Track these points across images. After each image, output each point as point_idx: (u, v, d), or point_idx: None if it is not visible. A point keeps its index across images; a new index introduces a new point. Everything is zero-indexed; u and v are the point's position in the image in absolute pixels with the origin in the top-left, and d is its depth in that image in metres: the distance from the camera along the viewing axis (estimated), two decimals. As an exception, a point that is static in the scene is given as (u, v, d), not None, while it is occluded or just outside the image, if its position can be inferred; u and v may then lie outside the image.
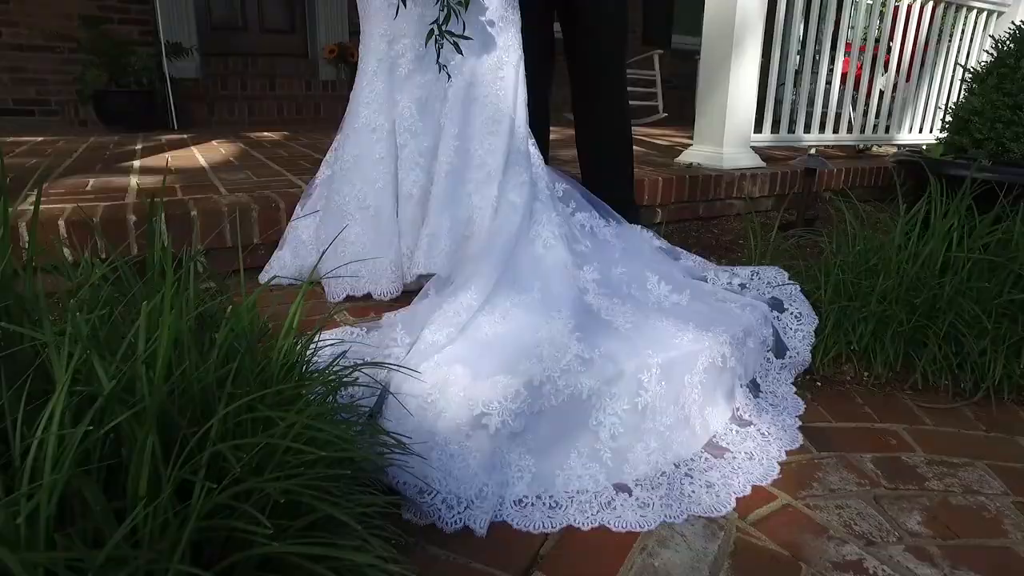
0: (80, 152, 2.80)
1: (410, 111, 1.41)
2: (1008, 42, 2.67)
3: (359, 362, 0.97)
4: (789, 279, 1.67)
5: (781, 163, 3.07)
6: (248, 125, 4.33)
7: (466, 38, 1.31)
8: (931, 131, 3.83)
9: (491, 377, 1.09)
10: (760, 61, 2.72)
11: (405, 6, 1.29)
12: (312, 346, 0.95)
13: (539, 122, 1.73)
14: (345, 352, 1.00)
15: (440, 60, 1.29)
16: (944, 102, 3.84)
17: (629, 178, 1.85)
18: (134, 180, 2.03)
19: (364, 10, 1.45)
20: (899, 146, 3.75)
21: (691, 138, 2.94)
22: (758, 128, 2.89)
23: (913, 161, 1.78)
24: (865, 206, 3.03)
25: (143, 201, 1.70)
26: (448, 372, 1.09)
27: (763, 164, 2.79)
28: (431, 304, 1.27)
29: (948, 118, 2.86)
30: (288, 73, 4.90)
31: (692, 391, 1.27)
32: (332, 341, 1.23)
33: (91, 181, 1.99)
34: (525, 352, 1.16)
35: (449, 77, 1.33)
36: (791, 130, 3.11)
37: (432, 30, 1.27)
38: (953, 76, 3.79)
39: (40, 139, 3.30)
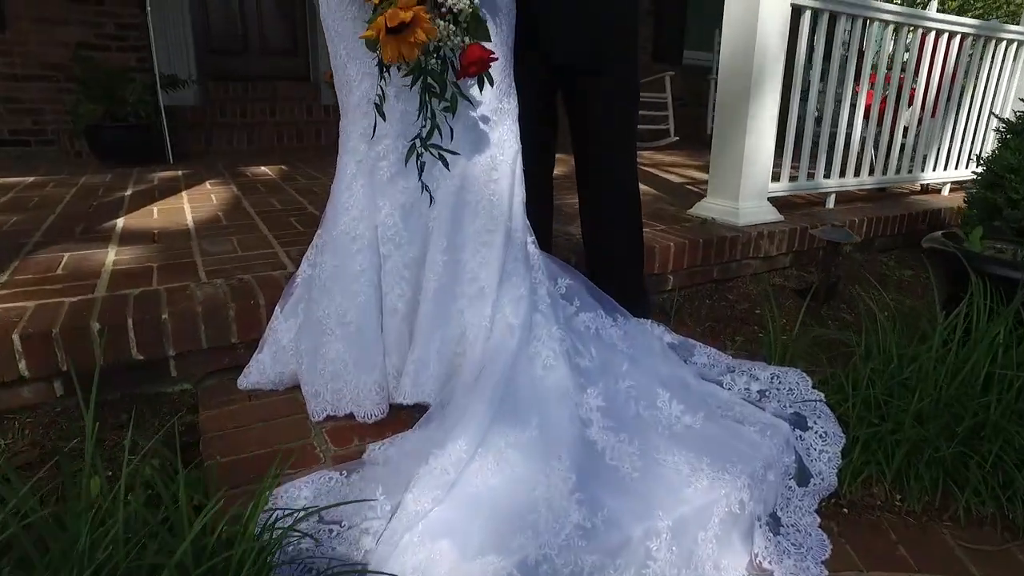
0: (66, 202, 2.69)
1: (393, 219, 1.28)
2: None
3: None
4: (813, 387, 1.52)
5: (800, 210, 2.91)
6: (247, 154, 4.21)
7: (453, 152, 1.18)
8: (956, 168, 3.65)
9: (481, 557, 0.96)
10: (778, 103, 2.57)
11: (384, 119, 1.15)
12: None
13: (540, 205, 1.60)
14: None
15: (423, 178, 1.16)
16: (971, 139, 3.66)
17: (639, 267, 1.71)
18: (111, 255, 1.92)
19: (344, 103, 1.32)
20: (923, 186, 3.58)
21: (704, 169, 2.78)
22: (775, 175, 2.74)
23: (948, 252, 1.63)
24: (888, 260, 2.89)
25: (113, 293, 1.58)
26: (432, 550, 0.96)
27: (781, 218, 2.63)
28: (417, 451, 1.14)
29: (978, 168, 2.70)
30: (289, 97, 4.78)
31: (707, 546, 1.13)
32: (305, 496, 1.10)
33: (65, 258, 1.87)
34: (519, 518, 1.03)
35: (432, 198, 1.19)
36: (811, 175, 2.95)
37: (413, 145, 1.14)
38: (980, 112, 3.61)
39: (30, 180, 3.20)
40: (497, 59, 1.12)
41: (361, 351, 1.32)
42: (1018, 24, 3.63)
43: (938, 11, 3.24)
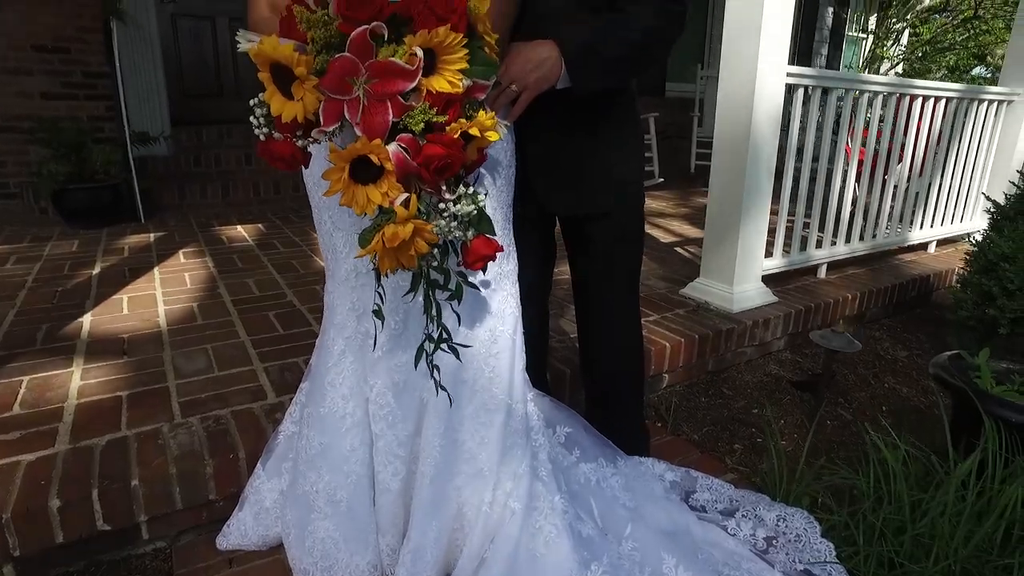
0: (28, 286, 2.55)
1: (386, 399, 1.18)
2: (1037, 177, 2.49)
3: None
4: (821, 535, 1.46)
5: (792, 281, 2.87)
6: (222, 208, 4.07)
7: (464, 346, 1.09)
8: (941, 225, 3.66)
9: None
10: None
11: (382, 325, 1.06)
12: None
13: (536, 335, 1.51)
14: None
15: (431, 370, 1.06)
16: (956, 196, 3.67)
17: (638, 405, 1.63)
18: (77, 377, 1.79)
19: (330, 269, 1.22)
20: (911, 246, 3.57)
21: (692, 219, 2.73)
22: (768, 250, 2.69)
23: (958, 387, 1.58)
24: (880, 334, 2.86)
25: (77, 445, 1.46)
26: None
27: (775, 299, 2.59)
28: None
29: (970, 246, 2.68)
30: (266, 143, 4.63)
31: None
32: None
33: (24, 385, 1.74)
34: None
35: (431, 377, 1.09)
36: (803, 247, 2.92)
37: (421, 347, 1.04)
38: (964, 169, 3.63)
39: (-10, 252, 3.04)
40: (503, 250, 1.04)
41: (353, 530, 1.23)
42: (996, 85, 3.66)
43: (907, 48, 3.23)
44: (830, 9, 9.70)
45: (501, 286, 1.22)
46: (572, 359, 1.98)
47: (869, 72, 9.86)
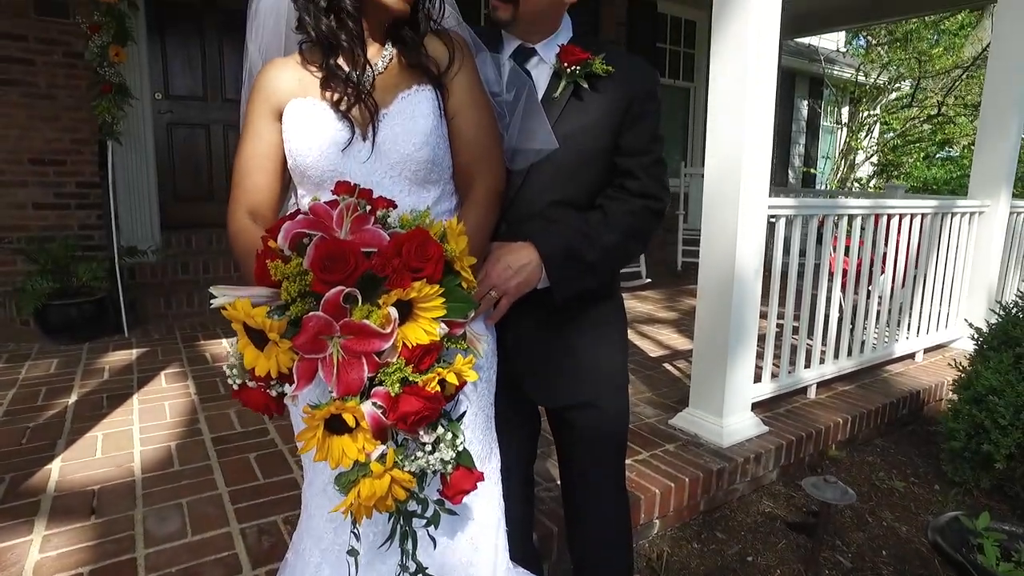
0: None
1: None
2: (1018, 307, 2.52)
3: None
4: None
5: (782, 404, 2.84)
6: (209, 318, 4.04)
7: None
8: (927, 333, 3.68)
9: None
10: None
11: (359, 536, 1.01)
12: None
13: (520, 506, 1.45)
14: None
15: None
16: (939, 304, 3.71)
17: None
18: (36, 547, 1.70)
19: (308, 478, 1.17)
20: (897, 359, 3.57)
21: (680, 327, 2.71)
22: (757, 374, 2.68)
23: (957, 562, 1.53)
24: (874, 459, 2.81)
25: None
26: None
27: (765, 429, 2.55)
28: None
29: (957, 370, 2.68)
30: (255, 247, 4.67)
31: None
32: None
33: (-17, 559, 1.65)
34: None
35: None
36: (791, 369, 2.91)
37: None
38: (944, 277, 3.69)
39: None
40: (484, 479, 1.01)
41: None
42: (967, 197, 3.79)
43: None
44: (805, 102, 10.16)
45: (483, 490, 1.18)
46: (559, 511, 1.91)
47: (845, 163, 10.26)
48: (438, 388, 0.87)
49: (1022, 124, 3.66)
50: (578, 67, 1.18)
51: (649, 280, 5.10)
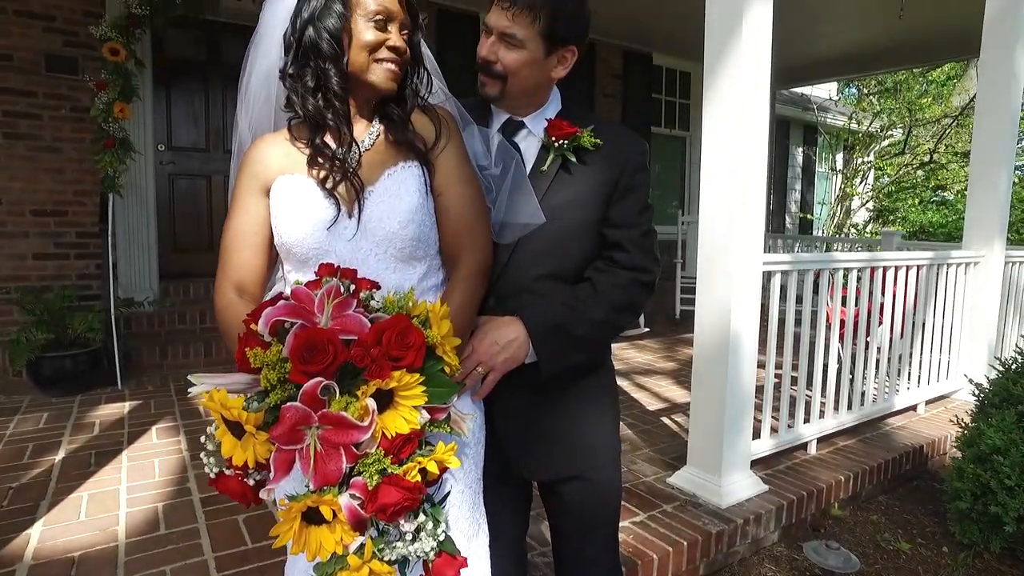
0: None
1: None
2: (1017, 363, 2.50)
3: None
4: None
5: (782, 461, 2.78)
6: (204, 368, 4.01)
7: None
8: (928, 384, 3.64)
9: None
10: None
11: None
12: None
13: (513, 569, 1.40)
14: None
15: None
16: (939, 354, 3.69)
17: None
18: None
19: (290, 560, 1.14)
20: (898, 411, 3.53)
21: (678, 378, 2.67)
22: (755, 429, 2.64)
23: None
24: (878, 518, 2.74)
25: None
26: None
27: (765, 488, 2.50)
28: None
29: (960, 427, 2.64)
30: (253, 296, 4.67)
31: None
32: None
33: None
34: None
35: None
36: (790, 423, 2.87)
37: None
38: (943, 328, 3.67)
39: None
40: (467, 565, 0.98)
41: None
42: (960, 248, 3.81)
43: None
44: (800, 149, 10.32)
45: (471, 567, 1.14)
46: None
47: (841, 208, 10.35)
48: (419, 477, 0.85)
49: (1011, 176, 3.71)
50: (566, 141, 1.20)
51: (647, 329, 5.09)
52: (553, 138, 1.20)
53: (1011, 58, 3.57)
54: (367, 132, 1.13)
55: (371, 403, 0.81)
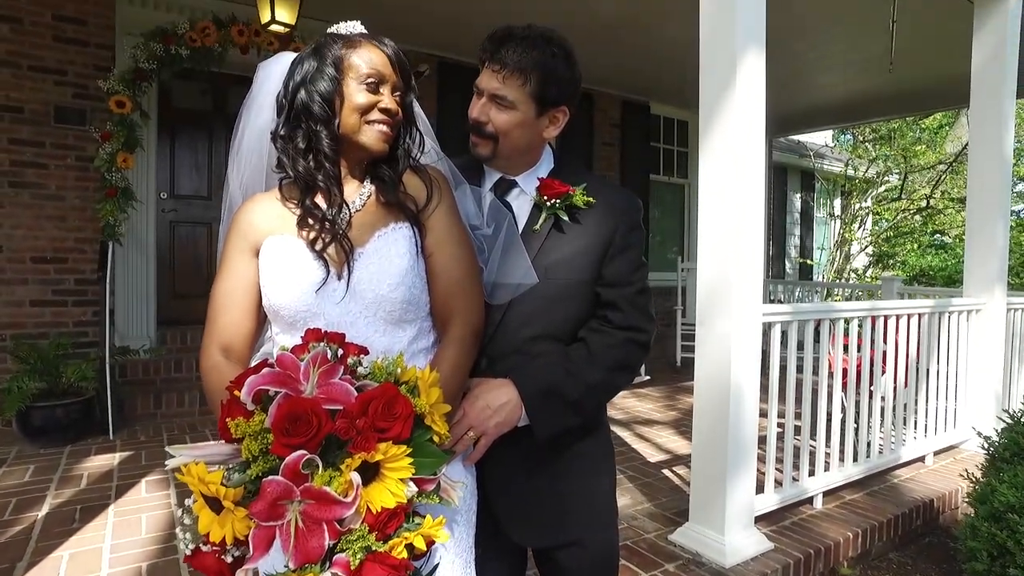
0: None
1: None
2: (1024, 417, 2.45)
3: None
4: None
5: (787, 516, 2.70)
6: (198, 418, 3.96)
7: None
8: (935, 434, 3.57)
9: None
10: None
11: None
12: None
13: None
14: None
15: None
16: (945, 403, 3.63)
17: None
18: None
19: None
20: (906, 463, 3.45)
21: (679, 428, 2.60)
22: (759, 482, 2.57)
23: None
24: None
25: None
26: None
27: (770, 546, 2.41)
28: None
29: (971, 482, 2.57)
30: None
31: None
32: None
33: None
34: None
35: None
36: (795, 476, 2.80)
37: None
38: (948, 376, 3.62)
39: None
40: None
41: None
42: (961, 296, 3.79)
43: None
44: (798, 195, 10.43)
45: None
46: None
47: (840, 253, 10.40)
48: (405, 554, 0.81)
49: (1007, 225, 3.72)
50: (558, 200, 1.20)
51: (648, 377, 5.03)
52: (545, 197, 1.20)
53: (999, 108, 3.63)
54: (358, 193, 1.12)
55: (356, 477, 0.78)
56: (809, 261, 10.26)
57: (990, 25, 3.65)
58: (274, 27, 3.73)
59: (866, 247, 10.36)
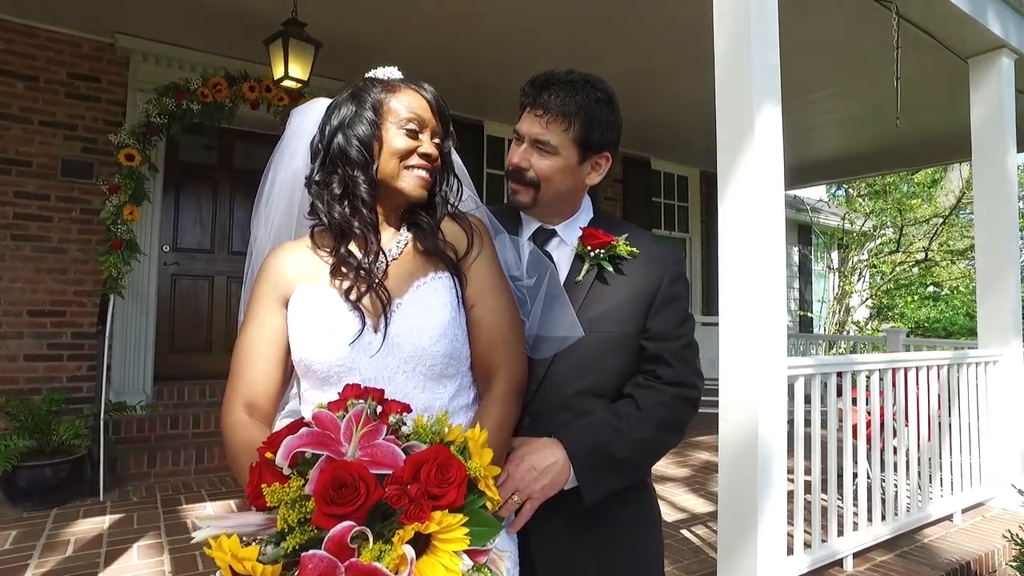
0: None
1: None
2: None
3: None
4: None
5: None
6: (194, 478, 3.79)
7: None
8: (961, 490, 3.44)
9: None
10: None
11: None
12: None
13: None
14: None
15: None
16: (969, 457, 3.51)
17: None
18: None
19: None
20: (934, 521, 3.31)
21: (704, 492, 2.46)
22: (788, 546, 2.43)
23: None
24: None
25: None
26: None
27: (806, 614, 2.27)
28: None
29: (1016, 544, 2.45)
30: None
31: None
32: None
33: None
34: None
35: None
36: (824, 537, 2.66)
37: None
38: (971, 429, 3.52)
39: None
40: None
41: None
42: (976, 348, 3.74)
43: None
44: (796, 248, 10.50)
45: None
46: None
47: (840, 306, 10.40)
48: (457, 642, 0.72)
49: (1018, 276, 3.70)
50: (602, 250, 1.15)
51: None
52: (588, 247, 1.15)
53: (1003, 163, 3.67)
54: (395, 240, 1.07)
55: (409, 551, 0.69)
56: (809, 314, 10.23)
57: (986, 81, 3.73)
58: (287, 83, 3.77)
59: (866, 300, 10.37)
